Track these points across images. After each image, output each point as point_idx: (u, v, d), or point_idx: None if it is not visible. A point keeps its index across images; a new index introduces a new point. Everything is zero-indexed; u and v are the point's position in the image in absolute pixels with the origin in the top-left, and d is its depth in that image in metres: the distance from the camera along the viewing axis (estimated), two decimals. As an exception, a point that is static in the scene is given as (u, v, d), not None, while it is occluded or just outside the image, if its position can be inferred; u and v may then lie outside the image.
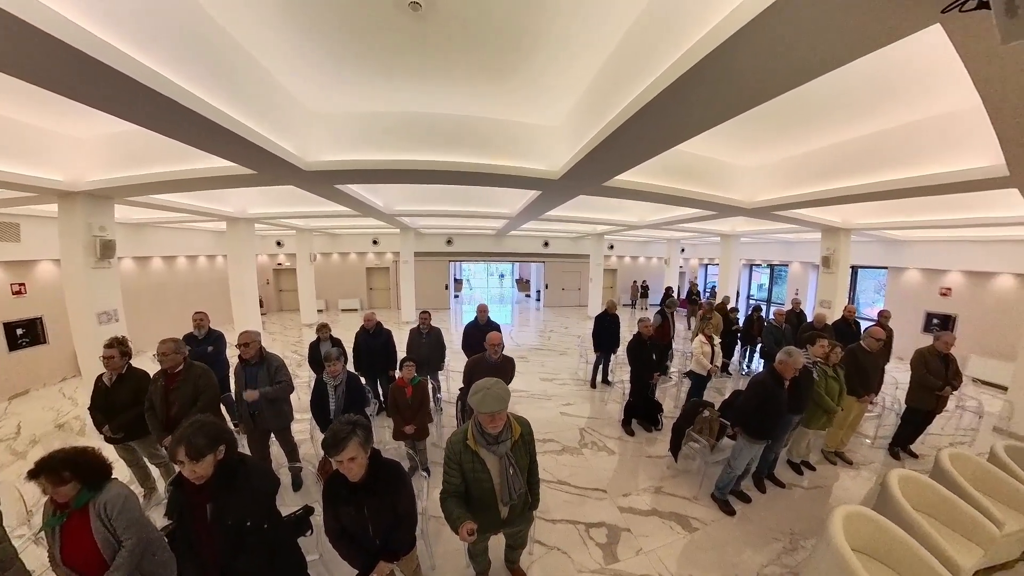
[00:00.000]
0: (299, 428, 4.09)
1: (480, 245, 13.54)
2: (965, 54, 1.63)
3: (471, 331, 4.69)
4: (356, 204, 5.94)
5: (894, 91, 3.04)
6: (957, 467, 2.96)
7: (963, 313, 8.32)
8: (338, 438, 1.52)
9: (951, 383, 3.92)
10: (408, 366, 3.28)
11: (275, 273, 13.06)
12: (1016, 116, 2.14)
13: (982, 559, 2.50)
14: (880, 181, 3.91)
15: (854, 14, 1.40)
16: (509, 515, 1.90)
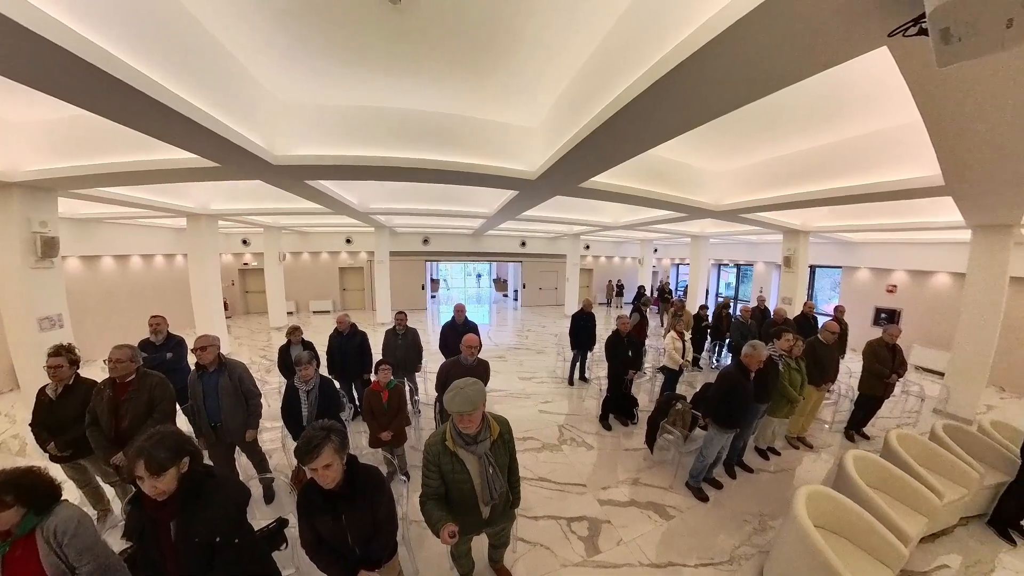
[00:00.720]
0: (270, 437, 3.93)
1: (457, 245, 13.38)
2: (908, 75, 1.80)
3: (448, 331, 4.64)
4: (328, 201, 5.73)
5: (848, 106, 3.30)
6: (904, 446, 3.28)
7: (907, 308, 9.07)
8: (311, 445, 1.46)
9: (897, 371, 4.32)
10: (384, 369, 3.20)
11: (241, 274, 12.34)
12: (950, 131, 2.36)
13: (926, 527, 2.78)
14: (834, 187, 4.23)
15: (812, 33, 1.51)
16: (491, 515, 1.89)
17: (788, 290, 8.14)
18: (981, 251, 5.30)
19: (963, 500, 3.06)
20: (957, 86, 1.85)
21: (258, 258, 11.80)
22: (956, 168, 3.00)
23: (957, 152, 2.70)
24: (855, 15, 1.39)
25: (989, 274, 5.27)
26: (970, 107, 2.06)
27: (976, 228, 5.29)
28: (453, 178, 4.13)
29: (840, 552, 2.23)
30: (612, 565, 2.62)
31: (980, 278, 5.34)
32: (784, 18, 1.42)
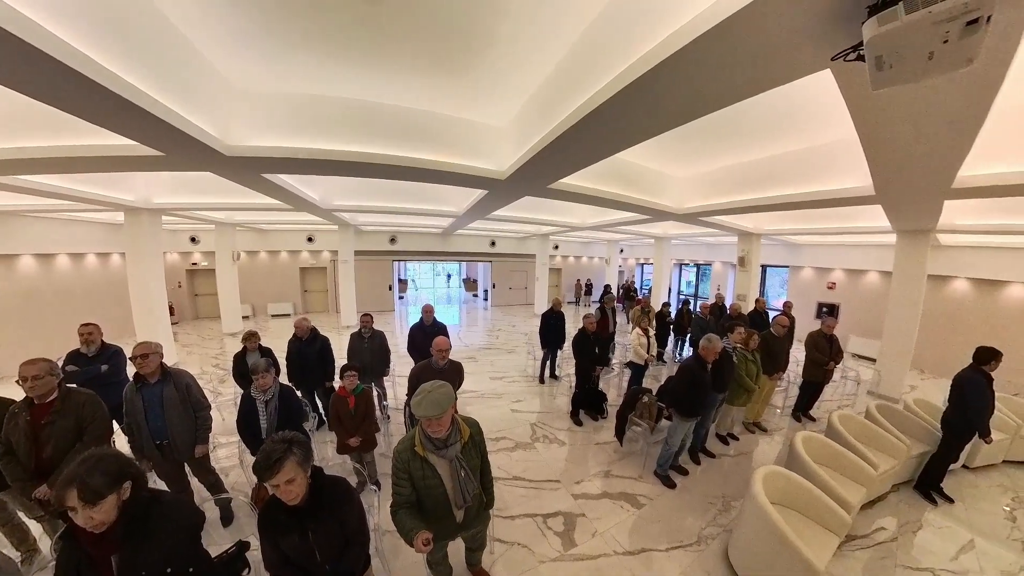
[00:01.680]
0: (225, 453, 3.66)
1: (426, 244, 13.12)
2: (847, 96, 2.01)
3: (416, 333, 4.52)
4: (288, 197, 5.41)
5: (797, 121, 3.60)
6: (844, 425, 3.66)
7: (844, 302, 10.04)
8: (271, 459, 1.36)
9: (835, 359, 4.83)
10: (350, 375, 3.05)
11: (189, 275, 11.30)
12: (881, 147, 2.65)
13: (865, 495, 3.13)
14: (783, 194, 4.62)
15: (765, 53, 1.65)
16: (465, 518, 1.86)
17: (743, 288, 8.69)
18: (904, 253, 6.02)
19: (894, 470, 3.48)
20: (887, 108, 2.09)
21: (209, 257, 10.80)
22: (885, 180, 3.38)
23: (886, 166, 3.03)
24: (804, 39, 1.53)
25: (911, 272, 5.98)
26: (898, 127, 2.32)
27: (900, 233, 5.98)
28: (421, 176, 4.03)
29: (793, 524, 2.43)
30: (588, 557, 2.68)
31: (904, 276, 6.07)
32: (741, 38, 1.54)
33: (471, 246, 13.90)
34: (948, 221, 5.26)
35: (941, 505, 3.49)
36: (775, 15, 1.40)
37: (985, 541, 3.07)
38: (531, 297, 14.74)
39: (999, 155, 3.05)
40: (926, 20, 1.13)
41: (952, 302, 7.97)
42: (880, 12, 1.20)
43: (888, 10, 1.18)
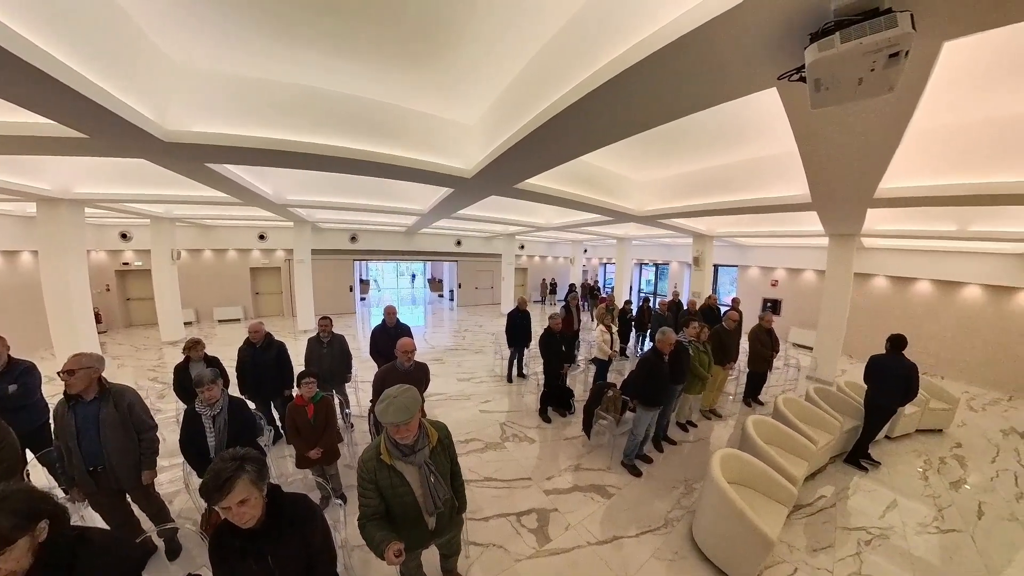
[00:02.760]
0: (168, 477, 3.30)
1: (389, 243, 12.67)
2: (790, 113, 2.22)
3: (379, 336, 4.33)
4: (237, 190, 5.02)
5: (747, 134, 3.91)
6: (787, 408, 4.07)
7: (786, 298, 11.08)
8: (221, 479, 1.23)
9: (774, 350, 5.38)
10: (307, 382, 2.84)
11: (120, 276, 10.01)
12: (817, 160, 2.96)
13: (807, 468, 3.50)
14: (733, 200, 5.02)
15: (720, 69, 1.79)
16: (437, 525, 1.81)
17: (697, 285, 9.24)
18: (835, 254, 6.80)
19: (830, 444, 3.91)
20: (823, 126, 2.34)
21: (143, 257, 9.70)
22: (819, 190, 3.78)
23: (821, 177, 3.39)
24: (755, 58, 1.68)
25: (840, 271, 6.74)
26: (831, 144, 2.61)
27: (832, 236, 6.73)
28: (385, 171, 3.89)
29: (749, 500, 2.68)
30: (563, 550, 2.73)
31: (835, 274, 6.83)
32: (699, 53, 1.66)
33: (436, 245, 13.64)
34: (870, 227, 5.95)
35: (871, 471, 4.00)
36: (730, 34, 1.52)
37: (905, 499, 3.58)
38: (498, 297, 14.78)
39: (911, 172, 3.51)
40: (857, 50, 1.28)
41: (874, 296, 9.10)
42: (820, 39, 1.35)
43: (827, 38, 1.33)
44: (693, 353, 4.23)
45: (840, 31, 1.29)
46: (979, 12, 1.33)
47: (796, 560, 2.76)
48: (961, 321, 7.91)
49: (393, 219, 9.53)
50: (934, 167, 3.43)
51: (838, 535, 3.05)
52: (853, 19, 1.27)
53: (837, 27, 1.30)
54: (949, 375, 7.80)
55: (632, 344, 8.30)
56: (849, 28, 1.27)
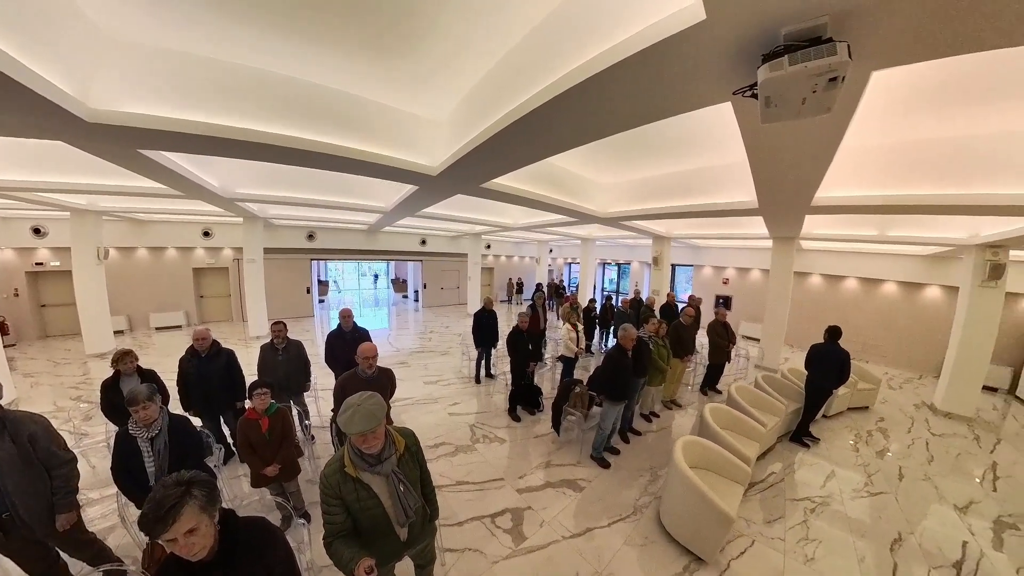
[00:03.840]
0: (100, 512, 2.89)
1: (350, 241, 12.06)
2: (742, 126, 2.39)
3: (335, 341, 4.07)
4: (177, 181, 4.56)
5: (703, 143, 4.17)
6: (740, 395, 4.42)
7: (736, 295, 12.01)
8: (164, 507, 1.11)
9: (732, 342, 5.83)
10: (260, 393, 2.62)
11: (31, 278, 8.63)
12: (764, 170, 3.24)
13: (759, 449, 3.81)
14: (689, 204, 5.36)
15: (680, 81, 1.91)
16: (409, 535, 1.73)
17: (657, 284, 9.71)
18: (778, 254, 7.49)
19: (776, 425, 4.29)
20: (770, 140, 2.56)
21: (62, 255, 8.42)
22: (765, 197, 4.13)
23: (766, 186, 3.71)
24: (712, 73, 1.81)
25: (782, 270, 7.43)
26: (776, 156, 2.87)
27: (775, 239, 7.38)
28: (346, 166, 3.71)
29: (709, 482, 2.87)
30: (539, 547, 2.77)
31: (777, 272, 7.51)
32: (661, 65, 1.75)
33: (400, 244, 13.22)
34: (808, 231, 6.59)
35: (812, 447, 4.50)
36: (692, 49, 1.62)
37: (841, 469, 4.07)
38: (464, 297, 14.63)
39: (842, 184, 3.95)
40: (803, 72, 1.43)
41: (811, 292, 10.17)
42: (771, 60, 1.49)
43: (777, 60, 1.47)
44: (653, 348, 4.45)
45: (789, 54, 1.43)
46: (901, 47, 1.52)
47: (753, 533, 3.03)
48: (881, 312, 9.14)
49: (354, 216, 9.12)
50: (860, 180, 3.88)
51: (787, 506, 3.40)
52: (800, 44, 1.42)
53: (786, 51, 1.44)
54: (872, 359, 8.90)
55: (597, 341, 8.55)
56: (797, 52, 1.41)
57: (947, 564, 2.82)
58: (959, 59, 2.06)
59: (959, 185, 3.47)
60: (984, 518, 3.39)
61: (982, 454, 4.65)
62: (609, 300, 8.77)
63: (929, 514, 3.41)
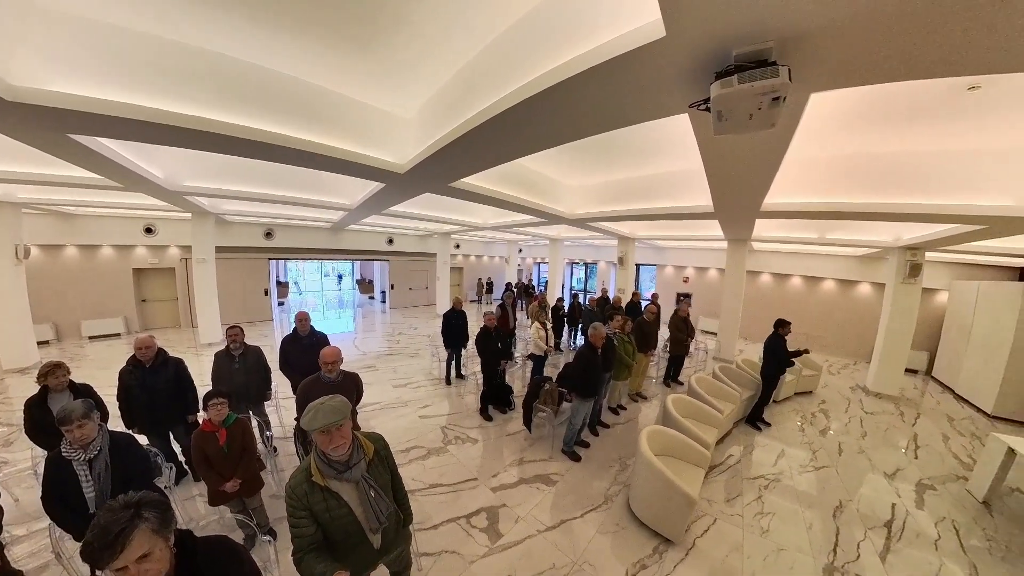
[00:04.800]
0: (29, 550, 2.56)
1: (312, 240, 11.46)
2: (698, 136, 2.58)
3: (289, 347, 3.80)
4: (114, 171, 4.13)
5: (665, 150, 4.41)
6: (699, 385, 4.74)
7: (696, 292, 12.75)
8: (110, 533, 1.00)
9: (690, 335, 6.23)
10: (216, 404, 2.46)
11: None
12: (719, 177, 3.50)
13: (717, 434, 4.09)
14: (652, 207, 5.64)
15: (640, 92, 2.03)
16: (383, 542, 1.69)
17: (622, 283, 10.06)
18: (732, 255, 8.03)
19: (733, 411, 4.64)
20: (723, 150, 2.78)
21: None
22: (720, 202, 4.45)
23: (721, 191, 4.01)
24: (671, 86, 1.94)
25: (736, 269, 7.98)
26: (728, 164, 3.12)
27: (730, 240, 7.93)
28: (308, 160, 3.54)
29: (672, 467, 3.09)
30: (515, 543, 2.81)
31: (732, 271, 8.05)
32: (625, 75, 1.86)
33: (366, 243, 12.79)
34: (758, 233, 7.11)
35: (764, 430, 4.94)
36: (653, 63, 1.74)
37: (790, 448, 4.51)
38: (433, 297, 14.44)
39: (787, 191, 4.35)
40: (750, 91, 1.58)
41: (762, 289, 11.04)
42: (723, 78, 1.63)
43: (728, 78, 1.61)
44: (618, 343, 4.65)
45: (738, 73, 1.57)
46: (835, 74, 1.73)
47: (715, 512, 3.27)
48: (821, 307, 10.16)
49: (317, 213, 8.73)
50: (803, 188, 4.30)
51: (744, 485, 3.70)
52: (749, 65, 1.56)
53: (736, 70, 1.58)
54: (815, 349, 9.69)
55: (566, 339, 8.75)
56: (745, 72, 1.56)
57: (880, 524, 3.23)
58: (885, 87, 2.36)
59: (884, 195, 3.96)
60: (908, 482, 3.92)
61: (906, 427, 5.37)
62: (576, 299, 8.99)
63: (864, 482, 3.88)
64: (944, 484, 3.91)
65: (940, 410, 6.20)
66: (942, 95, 2.70)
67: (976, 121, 3.03)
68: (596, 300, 8.26)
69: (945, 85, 2.54)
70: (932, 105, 2.87)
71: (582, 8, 1.89)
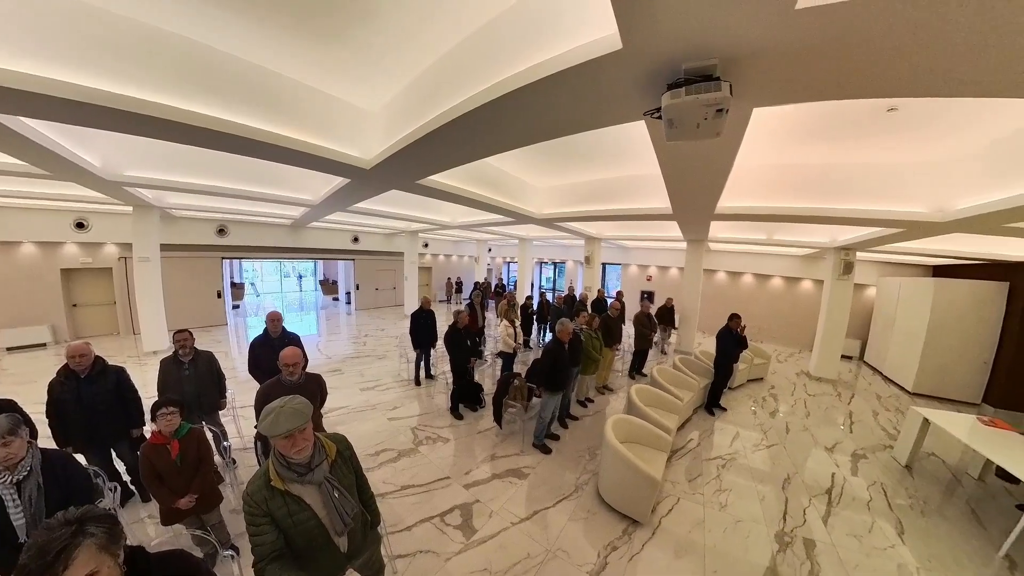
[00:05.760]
0: None
1: (270, 237, 10.63)
2: (654, 142, 2.77)
3: (259, 349, 3.59)
4: (40, 157, 3.68)
5: (627, 154, 4.62)
6: (661, 376, 5.04)
7: (658, 290, 13.36)
8: (49, 552, 0.92)
9: (652, 330, 6.65)
10: (166, 413, 2.26)
11: None
12: (675, 181, 3.75)
13: (678, 420, 4.38)
14: (616, 208, 5.91)
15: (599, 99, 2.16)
16: (350, 546, 1.63)
17: (589, 281, 10.40)
18: (691, 254, 8.57)
19: (692, 399, 4.99)
20: (677, 155, 2.99)
21: None
22: (677, 204, 4.76)
23: (678, 195, 4.31)
24: (628, 95, 2.08)
25: (694, 267, 8.48)
26: (683, 169, 3.36)
27: (688, 241, 8.45)
28: (268, 152, 3.36)
29: (637, 453, 3.23)
30: (490, 536, 2.85)
31: (690, 269, 8.55)
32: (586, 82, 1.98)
33: (330, 242, 12.13)
34: (714, 234, 7.62)
35: (720, 415, 5.36)
36: (611, 73, 1.87)
37: (743, 430, 4.90)
38: (400, 297, 14.13)
39: (738, 196, 4.73)
40: (696, 102, 1.73)
41: (717, 286, 11.86)
42: (673, 89, 1.77)
43: (677, 89, 1.76)
44: (585, 339, 4.81)
45: (687, 86, 1.72)
46: (774, 91, 1.94)
47: (678, 492, 3.50)
48: (770, 301, 11.09)
49: (276, 209, 8.17)
50: (752, 193, 4.71)
51: (704, 466, 3.98)
52: (696, 79, 1.72)
53: (685, 83, 1.73)
54: (765, 340, 10.70)
55: (535, 336, 8.91)
56: (692, 85, 1.71)
57: (822, 492, 3.64)
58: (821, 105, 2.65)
59: (820, 200, 4.45)
60: (845, 453, 4.42)
61: (842, 406, 6.07)
62: (544, 296, 9.17)
63: (808, 456, 4.33)
64: (874, 453, 4.46)
65: (871, 390, 7.04)
66: (867, 114, 3.10)
67: (895, 138, 3.50)
68: (564, 298, 8.50)
69: (869, 106, 2.90)
70: (860, 123, 3.29)
71: (546, 17, 1.97)
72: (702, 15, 1.42)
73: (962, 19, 1.29)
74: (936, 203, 3.99)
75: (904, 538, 3.03)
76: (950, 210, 3.87)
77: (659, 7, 1.40)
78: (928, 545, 2.96)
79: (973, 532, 3.14)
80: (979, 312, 6.39)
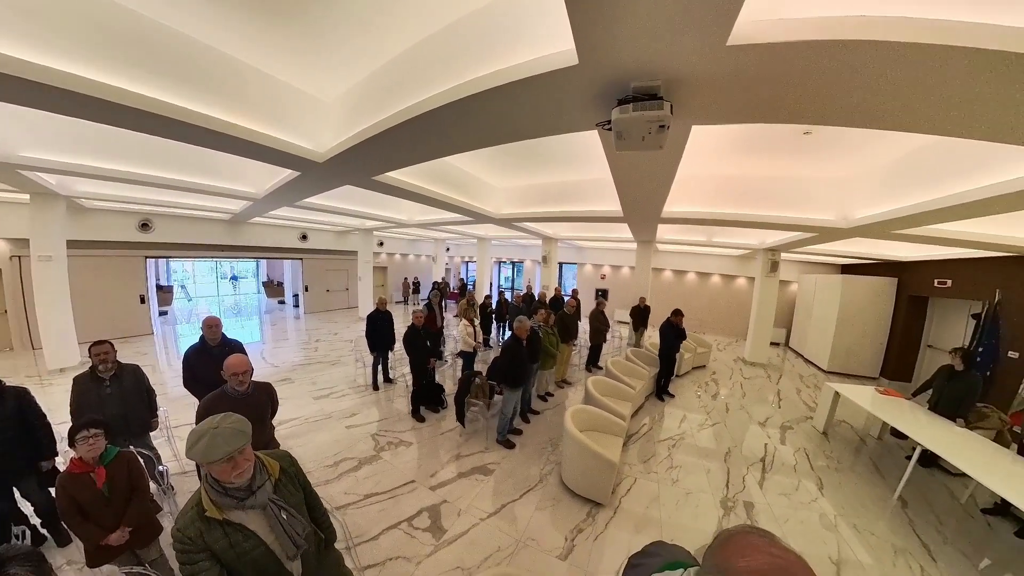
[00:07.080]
0: None
1: (204, 234, 9.50)
2: (606, 150, 2.98)
3: (195, 359, 3.13)
4: None
5: (583, 160, 4.86)
6: (615, 368, 5.43)
7: (611, 288, 14.18)
8: None
9: (606, 326, 7.10)
10: (88, 436, 1.95)
11: None
12: (625, 186, 4.04)
13: (631, 407, 4.74)
14: (572, 210, 6.18)
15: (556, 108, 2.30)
16: (305, 569, 1.50)
17: (546, 280, 10.67)
18: (640, 254, 8.96)
19: (643, 387, 5.38)
20: (627, 164, 3.23)
21: None
22: (627, 207, 5.10)
23: (628, 199, 4.63)
24: (581, 106, 2.24)
25: (644, 266, 8.87)
26: (632, 176, 3.65)
27: (639, 242, 8.88)
28: (205, 138, 3.00)
29: (595, 440, 3.42)
30: (460, 535, 2.86)
31: (640, 268, 8.94)
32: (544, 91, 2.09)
33: (274, 239, 11.11)
34: (661, 236, 8.16)
35: (669, 401, 5.88)
36: (566, 84, 2.00)
37: (690, 413, 5.45)
38: (354, 299, 13.52)
39: (682, 201, 5.17)
40: (642, 117, 1.92)
41: (665, 283, 12.84)
42: (622, 104, 1.95)
43: (626, 105, 1.94)
44: (543, 335, 4.98)
45: (634, 103, 1.90)
46: (709, 111, 2.19)
47: (635, 473, 3.79)
48: (711, 297, 12.25)
49: (212, 202, 7.31)
50: (693, 199, 5.19)
51: (656, 447, 4.37)
52: (642, 97, 1.90)
53: (633, 99, 1.91)
54: (706, 331, 11.77)
55: (495, 334, 9.00)
56: (639, 101, 1.90)
57: (757, 460, 4.16)
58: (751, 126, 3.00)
59: (752, 208, 5.06)
60: (775, 427, 5.09)
61: (772, 386, 6.97)
62: (503, 295, 9.30)
63: (746, 432, 4.90)
64: (798, 424, 5.20)
65: (795, 371, 8.20)
66: (788, 136, 3.65)
67: (810, 156, 4.13)
68: (522, 296, 8.66)
69: (789, 129, 3.45)
70: (782, 142, 3.85)
71: (509, 26, 2.04)
72: (648, 43, 1.60)
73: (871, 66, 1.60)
74: (841, 212, 4.70)
75: (824, 492, 3.61)
76: (852, 218, 4.55)
77: (611, 31, 1.54)
78: (842, 496, 3.56)
79: (875, 481, 3.83)
80: (876, 303, 7.81)
